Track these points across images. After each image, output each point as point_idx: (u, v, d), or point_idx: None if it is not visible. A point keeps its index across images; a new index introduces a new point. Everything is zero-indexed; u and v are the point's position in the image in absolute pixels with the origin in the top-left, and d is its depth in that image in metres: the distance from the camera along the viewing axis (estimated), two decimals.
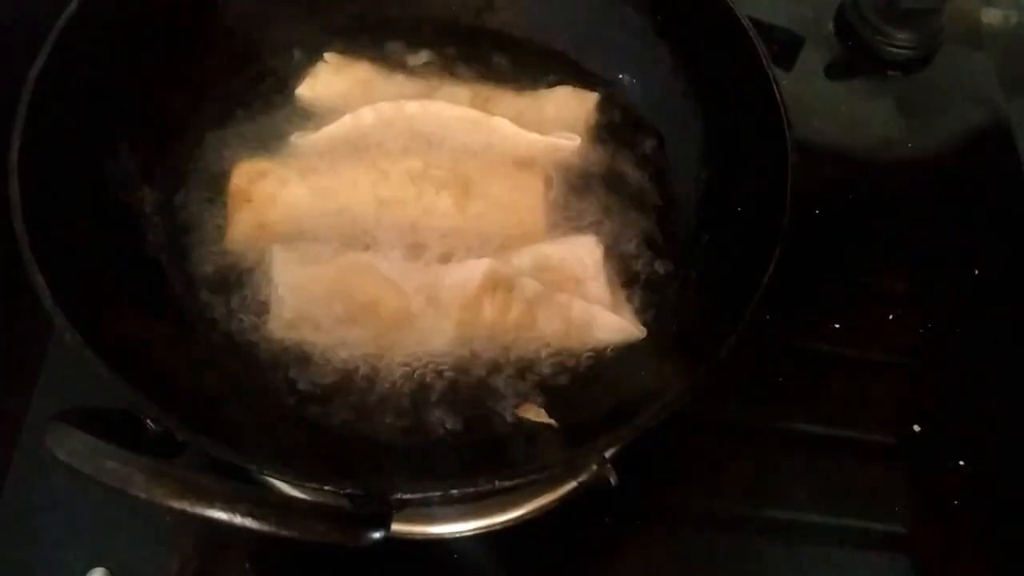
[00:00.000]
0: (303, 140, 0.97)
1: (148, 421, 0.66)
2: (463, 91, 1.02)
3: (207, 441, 0.65)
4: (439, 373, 0.85)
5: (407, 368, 0.85)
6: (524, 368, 0.85)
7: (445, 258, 0.89)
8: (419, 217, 0.91)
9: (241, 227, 0.90)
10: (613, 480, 0.79)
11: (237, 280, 0.89)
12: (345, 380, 0.84)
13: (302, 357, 0.85)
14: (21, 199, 0.73)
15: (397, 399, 0.83)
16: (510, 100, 1.01)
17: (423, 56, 1.08)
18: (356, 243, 0.90)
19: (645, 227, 0.95)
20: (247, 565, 0.88)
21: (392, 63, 1.07)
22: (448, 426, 0.82)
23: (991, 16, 1.37)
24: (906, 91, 1.28)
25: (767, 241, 0.77)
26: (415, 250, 0.90)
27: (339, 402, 0.83)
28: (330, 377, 0.84)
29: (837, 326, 1.05)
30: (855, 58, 1.31)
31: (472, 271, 0.86)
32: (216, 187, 0.94)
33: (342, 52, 1.05)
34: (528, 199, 0.93)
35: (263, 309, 0.86)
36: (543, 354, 0.86)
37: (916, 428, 0.99)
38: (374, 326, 0.85)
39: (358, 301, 0.85)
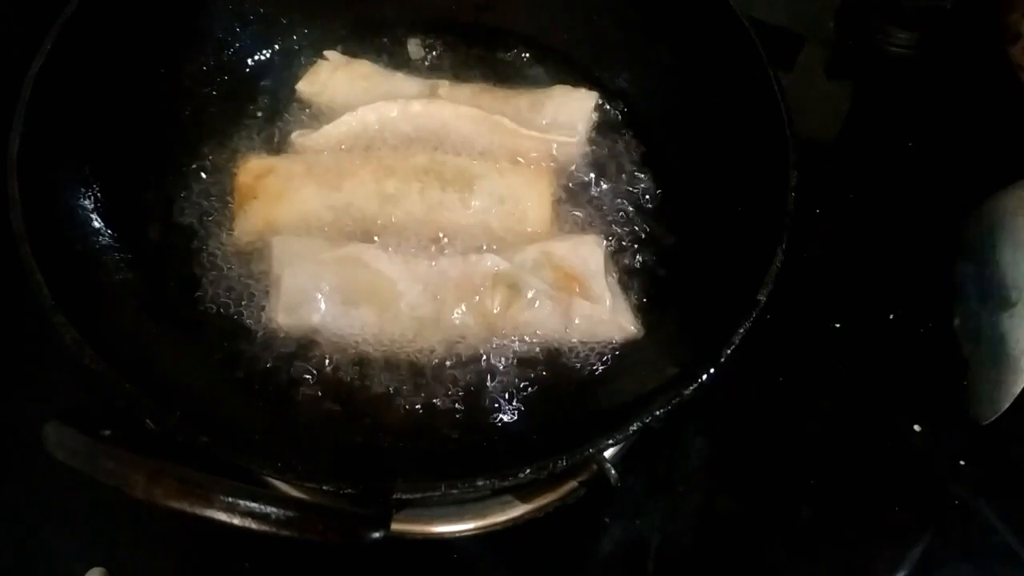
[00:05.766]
0: (304, 138, 0.97)
1: (148, 421, 0.66)
2: (463, 89, 1.02)
3: (207, 441, 0.65)
4: (438, 367, 0.85)
5: (407, 362, 0.85)
6: (524, 365, 0.85)
7: (448, 253, 0.90)
8: (423, 213, 0.91)
9: (248, 223, 0.91)
10: (613, 480, 0.79)
11: (240, 277, 0.89)
12: (346, 374, 0.84)
13: (302, 352, 0.85)
14: (21, 199, 0.73)
15: (396, 392, 0.83)
16: (510, 99, 1.01)
17: (423, 54, 1.09)
18: (361, 238, 0.90)
19: (645, 227, 0.95)
20: (247, 565, 0.88)
21: (392, 61, 1.08)
22: (447, 421, 0.82)
23: None
24: (907, 90, 1.28)
25: (768, 241, 0.77)
26: (419, 245, 0.90)
27: (339, 396, 0.83)
28: (330, 370, 0.84)
29: (837, 326, 1.05)
30: (855, 58, 1.31)
31: (475, 267, 0.87)
32: (219, 185, 0.95)
33: (342, 50, 1.05)
34: (531, 197, 0.93)
35: (266, 304, 0.86)
36: (543, 352, 0.86)
37: (916, 428, 0.99)
38: (375, 318, 0.85)
39: (359, 293, 0.85)
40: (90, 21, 0.85)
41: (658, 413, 0.69)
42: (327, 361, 0.85)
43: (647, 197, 0.97)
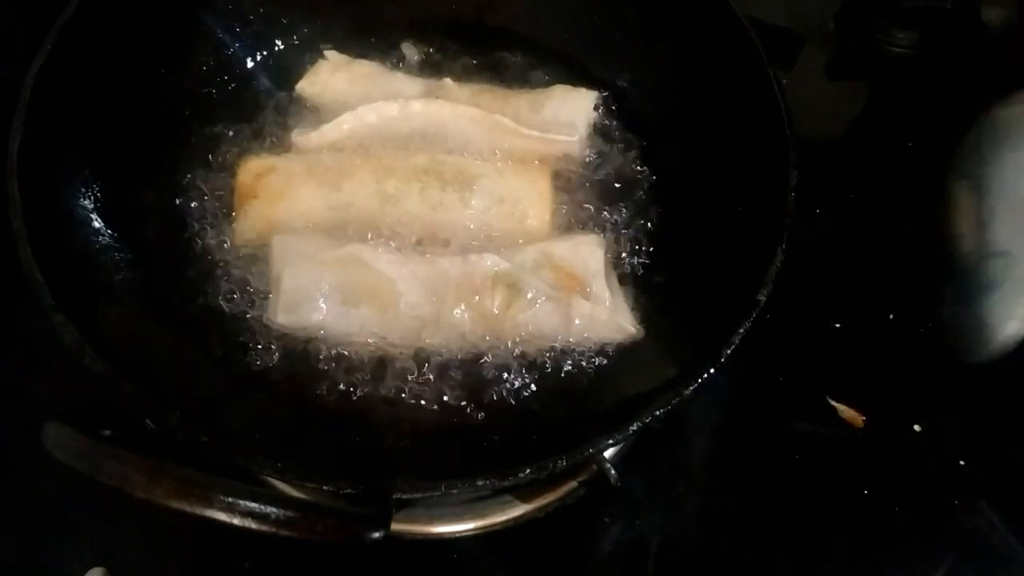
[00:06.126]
0: (303, 137, 0.97)
1: (148, 421, 0.66)
2: (463, 89, 1.02)
3: (207, 441, 0.65)
4: (438, 368, 0.85)
5: (407, 362, 0.85)
6: (523, 365, 0.85)
7: (448, 253, 0.90)
8: (423, 213, 0.91)
9: (248, 223, 0.91)
10: (613, 480, 0.79)
11: (240, 277, 0.89)
12: (345, 374, 0.84)
13: (302, 352, 0.85)
14: (21, 199, 0.73)
15: (396, 392, 0.83)
16: (510, 98, 1.01)
17: (423, 54, 1.09)
18: (361, 237, 0.90)
19: (645, 227, 0.95)
20: (247, 565, 0.88)
21: (392, 61, 1.08)
22: (447, 421, 0.82)
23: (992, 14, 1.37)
24: (907, 90, 1.28)
25: (768, 241, 0.77)
26: (419, 244, 0.91)
27: (339, 396, 0.83)
28: (330, 370, 0.84)
29: (837, 326, 1.05)
30: (855, 58, 1.31)
31: (475, 267, 0.87)
32: (219, 185, 0.95)
33: (342, 50, 1.05)
34: (531, 197, 0.93)
35: (265, 303, 0.86)
36: (543, 352, 0.86)
37: (916, 428, 0.99)
38: (375, 318, 0.85)
39: (359, 293, 0.86)
40: (90, 21, 0.85)
41: (658, 413, 0.69)
42: (327, 361, 0.85)
43: (647, 197, 0.97)
